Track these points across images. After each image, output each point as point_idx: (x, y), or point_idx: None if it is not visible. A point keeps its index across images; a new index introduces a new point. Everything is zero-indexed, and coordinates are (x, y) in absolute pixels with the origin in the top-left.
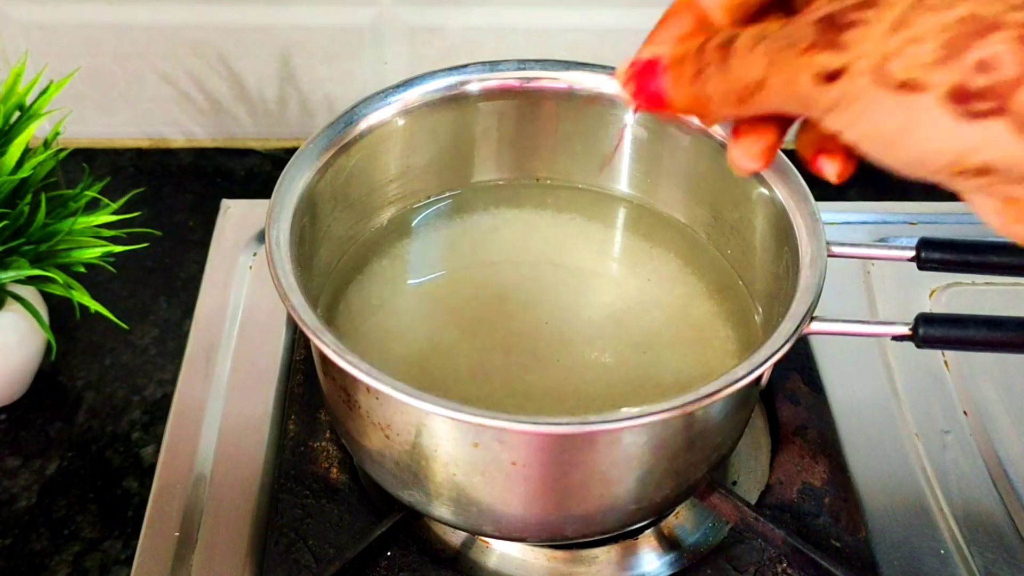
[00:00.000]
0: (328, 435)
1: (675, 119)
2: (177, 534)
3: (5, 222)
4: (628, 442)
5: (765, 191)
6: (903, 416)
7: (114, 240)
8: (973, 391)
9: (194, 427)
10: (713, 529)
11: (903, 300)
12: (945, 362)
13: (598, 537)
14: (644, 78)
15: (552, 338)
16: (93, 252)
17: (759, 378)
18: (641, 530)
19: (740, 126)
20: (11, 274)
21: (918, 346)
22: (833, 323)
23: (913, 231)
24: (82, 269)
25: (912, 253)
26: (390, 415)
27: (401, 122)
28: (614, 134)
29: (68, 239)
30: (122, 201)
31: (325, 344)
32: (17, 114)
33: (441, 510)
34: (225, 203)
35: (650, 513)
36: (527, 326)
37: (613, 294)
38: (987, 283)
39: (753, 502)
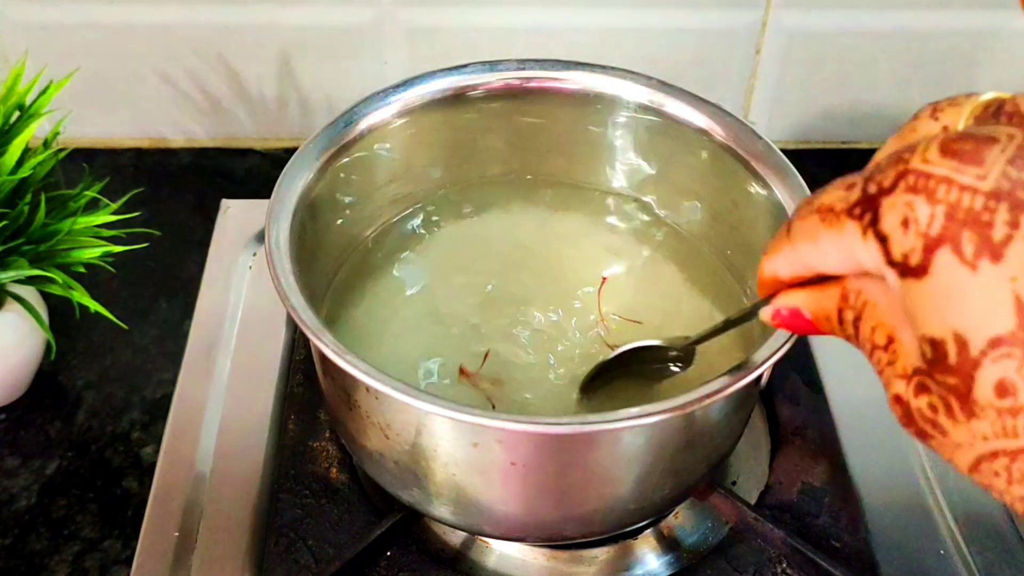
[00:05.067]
0: (328, 435)
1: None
2: (177, 534)
3: (5, 222)
4: (627, 442)
5: (764, 191)
6: None
7: (114, 240)
8: None
9: (194, 427)
10: (713, 529)
11: None
12: None
13: (598, 537)
14: (794, 322)
15: (552, 339)
16: (93, 252)
17: (759, 378)
18: (641, 530)
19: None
20: (11, 274)
21: None
22: None
23: None
24: (82, 269)
25: None
26: (390, 415)
27: (401, 122)
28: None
29: (68, 239)
30: (122, 201)
31: (325, 344)
32: (17, 114)
33: (441, 510)
34: (225, 203)
35: (649, 513)
36: (527, 327)
37: (612, 294)
38: None
39: (753, 502)
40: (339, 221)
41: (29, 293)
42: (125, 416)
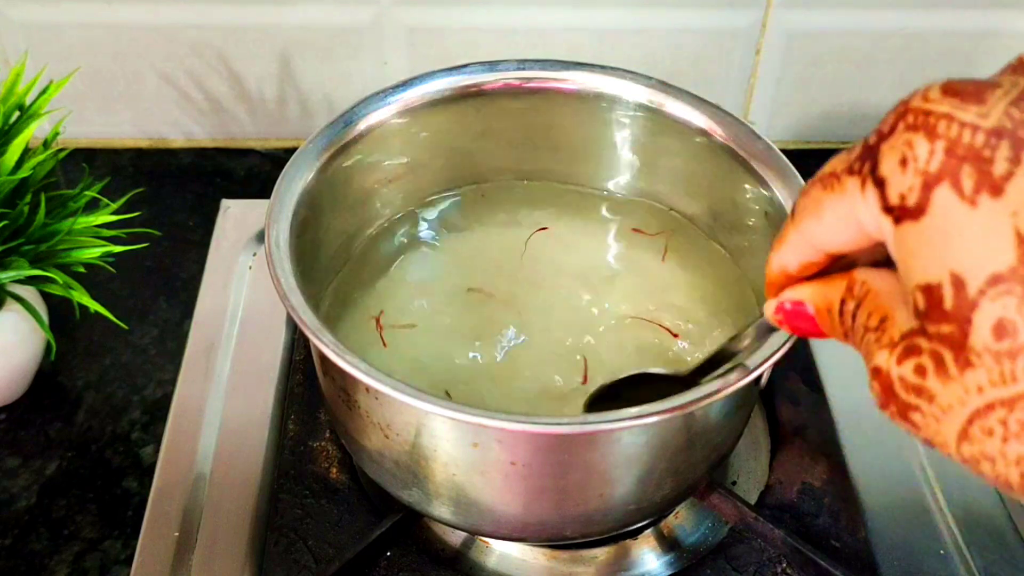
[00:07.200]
0: (328, 435)
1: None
2: (177, 534)
3: (5, 222)
4: (627, 442)
5: (765, 191)
6: None
7: (114, 240)
8: None
9: (194, 427)
10: (713, 529)
11: None
12: None
13: (598, 537)
14: (796, 318)
15: (553, 338)
16: (93, 252)
17: (759, 378)
18: (641, 530)
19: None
20: (11, 274)
21: None
22: None
23: None
24: (82, 269)
25: None
26: (390, 415)
27: (401, 122)
28: None
29: (68, 239)
30: (122, 201)
31: (325, 344)
32: (17, 114)
33: (441, 510)
34: (225, 203)
35: (650, 513)
36: (529, 327)
37: (614, 294)
38: None
39: (753, 502)
40: (339, 221)
41: (29, 293)
42: (125, 416)
